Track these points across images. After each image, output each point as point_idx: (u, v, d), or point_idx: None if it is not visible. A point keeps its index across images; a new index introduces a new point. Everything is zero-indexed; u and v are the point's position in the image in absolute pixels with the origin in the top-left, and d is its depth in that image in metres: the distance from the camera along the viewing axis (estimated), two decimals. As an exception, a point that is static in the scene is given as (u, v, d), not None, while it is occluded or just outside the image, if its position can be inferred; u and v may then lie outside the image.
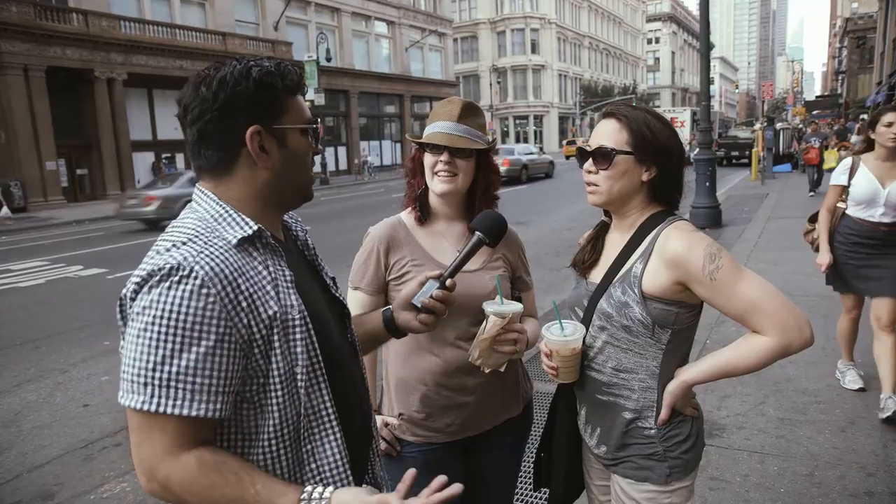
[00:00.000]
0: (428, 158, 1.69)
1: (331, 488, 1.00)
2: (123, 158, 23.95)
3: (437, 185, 1.68)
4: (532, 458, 1.79)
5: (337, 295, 1.31)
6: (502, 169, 22.79)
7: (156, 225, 14.96)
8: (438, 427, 1.72)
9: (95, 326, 6.59)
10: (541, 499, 2.94)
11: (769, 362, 1.37)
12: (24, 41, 20.38)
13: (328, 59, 29.45)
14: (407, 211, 1.80)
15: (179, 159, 26.68)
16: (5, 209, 18.22)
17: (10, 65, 20.12)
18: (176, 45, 25.06)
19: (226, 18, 27.89)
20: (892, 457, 3.15)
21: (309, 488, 0.99)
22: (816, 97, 76.26)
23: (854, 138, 15.35)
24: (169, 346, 0.94)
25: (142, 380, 0.95)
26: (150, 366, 0.94)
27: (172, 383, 0.94)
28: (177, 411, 0.94)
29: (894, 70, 29.93)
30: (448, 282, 1.38)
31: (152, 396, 0.94)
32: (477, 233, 1.48)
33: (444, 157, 1.65)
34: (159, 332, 0.94)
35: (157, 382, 0.94)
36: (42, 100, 21.05)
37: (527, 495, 2.98)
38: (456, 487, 1.00)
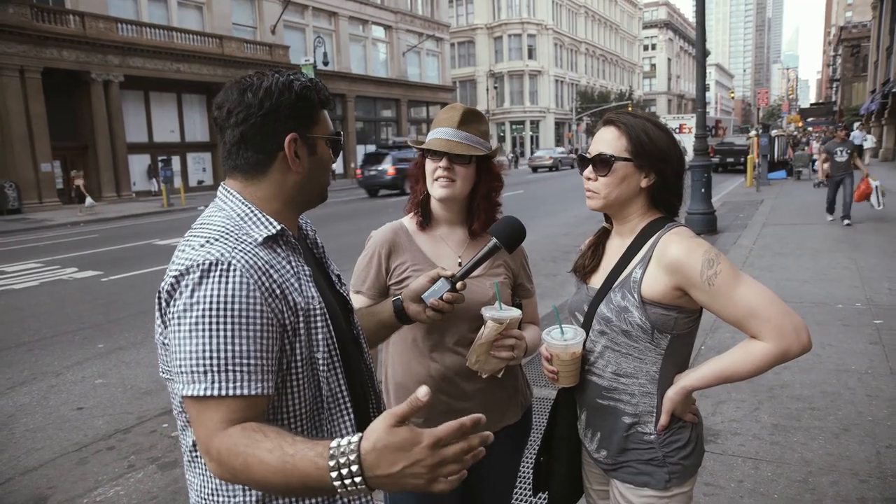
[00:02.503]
0: (428, 164, 1.72)
1: (357, 435, 0.95)
2: (119, 161, 23.92)
3: (436, 190, 1.71)
4: (532, 461, 1.79)
5: (342, 291, 1.39)
6: None
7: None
8: None
9: (90, 329, 6.56)
10: (537, 504, 2.94)
11: (768, 368, 1.37)
12: (21, 42, 20.35)
13: (325, 63, 29.49)
14: (409, 216, 1.82)
15: (175, 161, 26.64)
16: (89, 199, 19.53)
17: (6, 66, 20.08)
18: (173, 47, 25.06)
19: (223, 21, 27.91)
20: (885, 463, 3.17)
21: (336, 441, 0.99)
22: (811, 105, 76.90)
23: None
24: (223, 334, 1.01)
25: (201, 369, 1.00)
26: (208, 355, 1.00)
27: (231, 367, 1.01)
28: (237, 392, 1.01)
29: (888, 78, 30.15)
30: (458, 284, 1.46)
31: (213, 382, 1.00)
32: (493, 239, 1.51)
33: (443, 162, 1.67)
34: (212, 324, 1.01)
35: (216, 369, 1.00)
36: (38, 101, 21.01)
37: (526, 499, 2.98)
38: (489, 435, 0.96)
